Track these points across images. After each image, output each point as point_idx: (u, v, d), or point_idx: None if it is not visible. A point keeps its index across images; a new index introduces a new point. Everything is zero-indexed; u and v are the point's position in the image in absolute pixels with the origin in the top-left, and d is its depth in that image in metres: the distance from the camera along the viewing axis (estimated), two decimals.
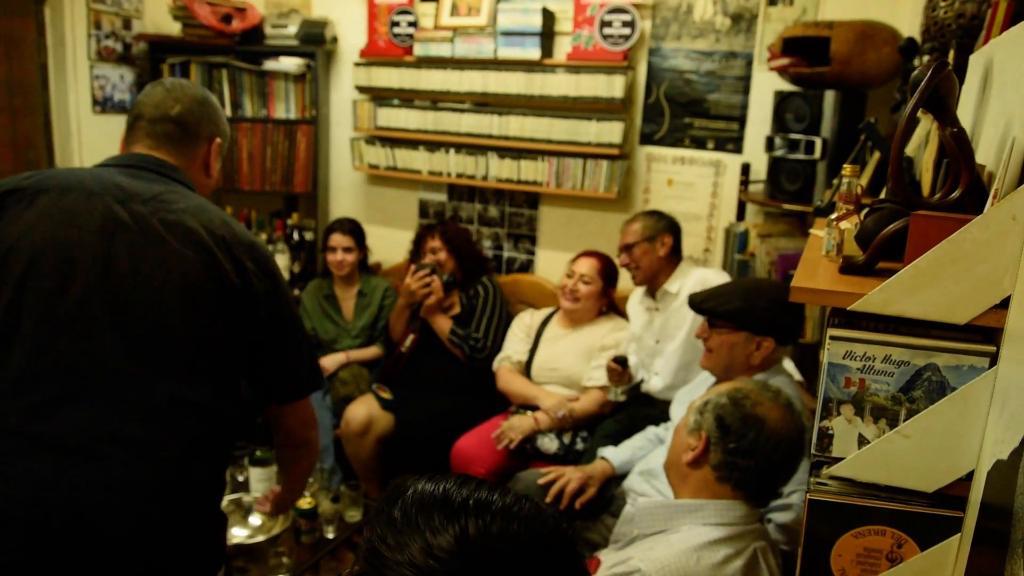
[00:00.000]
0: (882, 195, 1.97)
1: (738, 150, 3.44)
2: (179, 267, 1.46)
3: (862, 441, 1.05)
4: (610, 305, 3.31)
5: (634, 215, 3.06)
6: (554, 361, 3.21)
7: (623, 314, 3.28)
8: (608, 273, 3.22)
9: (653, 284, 3.00)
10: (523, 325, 3.38)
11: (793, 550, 1.82)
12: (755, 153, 3.30)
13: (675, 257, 3.00)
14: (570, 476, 2.50)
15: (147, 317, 1.43)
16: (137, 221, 1.46)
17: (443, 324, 3.36)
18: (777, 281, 2.76)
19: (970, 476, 0.99)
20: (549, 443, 2.96)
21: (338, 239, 3.60)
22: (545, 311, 3.42)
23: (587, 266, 3.19)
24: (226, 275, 1.49)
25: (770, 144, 2.99)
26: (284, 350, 1.63)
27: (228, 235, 1.53)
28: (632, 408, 3.00)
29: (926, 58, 2.20)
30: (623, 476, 2.48)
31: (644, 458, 2.44)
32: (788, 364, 2.50)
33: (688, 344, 2.83)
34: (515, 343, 3.34)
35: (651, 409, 2.92)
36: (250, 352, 1.58)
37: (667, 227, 2.96)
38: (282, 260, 3.98)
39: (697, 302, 2.27)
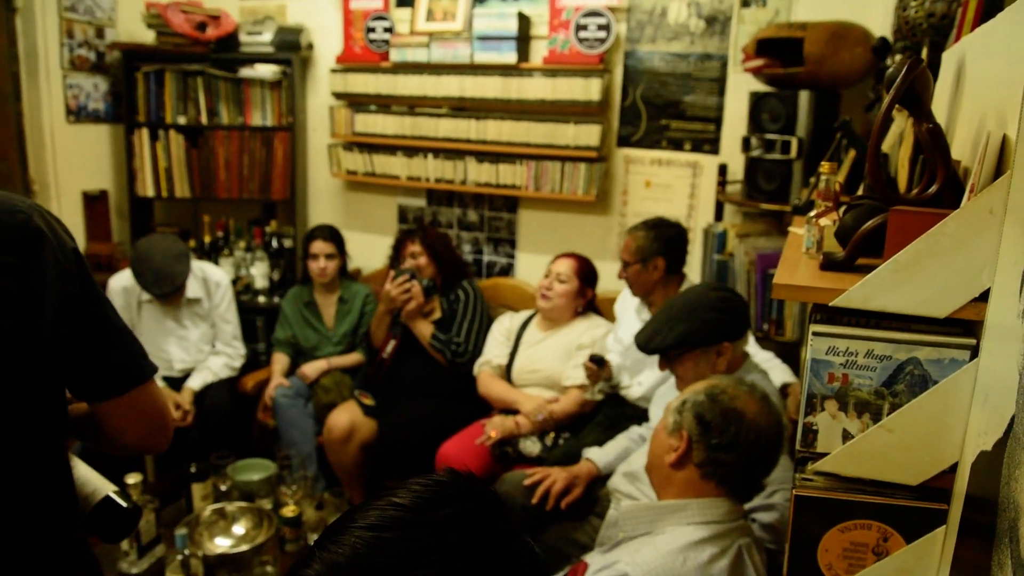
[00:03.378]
0: (859, 192, 1.99)
1: (715, 151, 3.46)
2: None
3: (846, 436, 1.05)
4: (589, 305, 3.30)
5: (634, 226, 2.98)
6: (534, 363, 3.21)
7: (603, 314, 3.29)
8: (585, 273, 3.22)
9: (649, 299, 2.98)
10: (503, 329, 3.38)
11: (778, 548, 1.83)
12: (732, 154, 3.33)
13: (674, 274, 2.94)
14: (556, 477, 2.51)
15: None
16: None
17: (424, 329, 3.36)
18: (702, 286, 2.68)
19: (954, 468, 0.99)
20: (531, 446, 2.96)
21: (319, 246, 3.58)
22: (524, 314, 3.42)
23: (564, 265, 3.19)
24: None
25: (746, 144, 3.01)
26: None
27: None
28: (610, 409, 3.00)
29: (898, 57, 2.23)
30: (608, 476, 2.48)
31: (627, 459, 2.44)
32: (752, 347, 2.53)
33: None
34: (495, 347, 3.33)
35: (627, 409, 2.93)
36: None
37: (661, 249, 2.87)
38: (261, 268, 3.96)
39: (643, 345, 2.25)
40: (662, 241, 2.90)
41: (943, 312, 0.98)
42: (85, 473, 1.38)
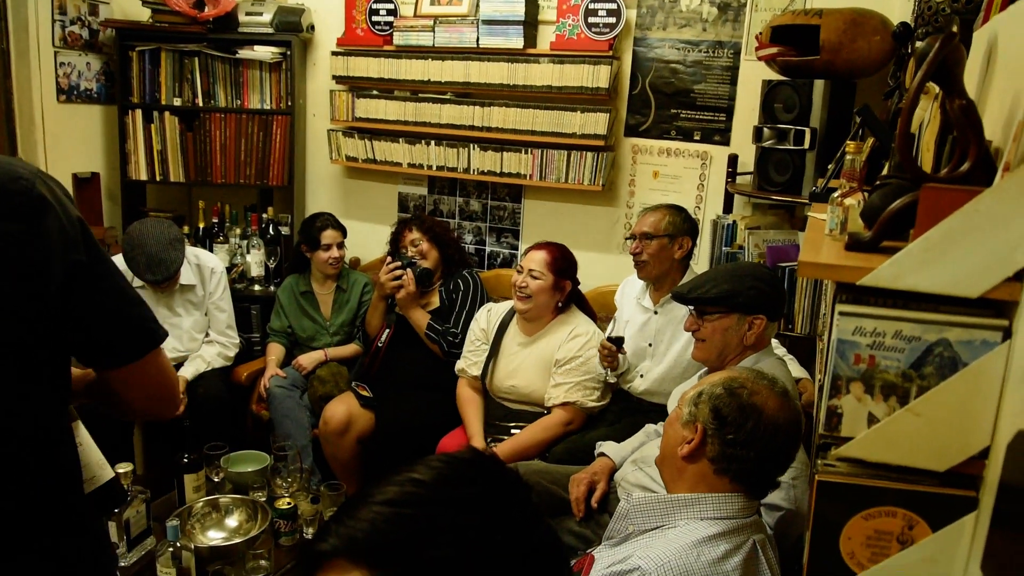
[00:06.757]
0: (877, 180, 1.94)
1: (725, 141, 3.40)
2: None
3: (872, 420, 1.03)
4: (570, 296, 3.08)
5: (657, 205, 2.91)
6: (513, 378, 3.04)
7: (585, 309, 3.13)
8: (560, 265, 2.98)
9: (657, 286, 2.88)
10: (479, 330, 3.18)
11: (780, 532, 1.84)
12: (743, 144, 3.26)
13: (684, 263, 2.87)
14: (574, 486, 2.40)
15: None
16: None
17: (420, 319, 3.28)
18: (750, 262, 2.72)
19: (984, 454, 0.96)
20: None
21: (331, 235, 3.51)
22: (502, 309, 3.20)
23: (536, 259, 2.98)
24: None
25: (758, 135, 2.95)
26: None
27: None
28: (613, 404, 2.94)
29: (919, 44, 2.17)
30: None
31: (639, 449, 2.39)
32: (775, 343, 2.51)
33: (683, 355, 2.74)
34: (472, 352, 3.16)
35: (631, 403, 2.87)
36: None
37: (689, 230, 2.83)
38: (257, 255, 3.89)
39: (684, 294, 2.26)
40: (691, 223, 2.87)
41: (975, 292, 0.95)
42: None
